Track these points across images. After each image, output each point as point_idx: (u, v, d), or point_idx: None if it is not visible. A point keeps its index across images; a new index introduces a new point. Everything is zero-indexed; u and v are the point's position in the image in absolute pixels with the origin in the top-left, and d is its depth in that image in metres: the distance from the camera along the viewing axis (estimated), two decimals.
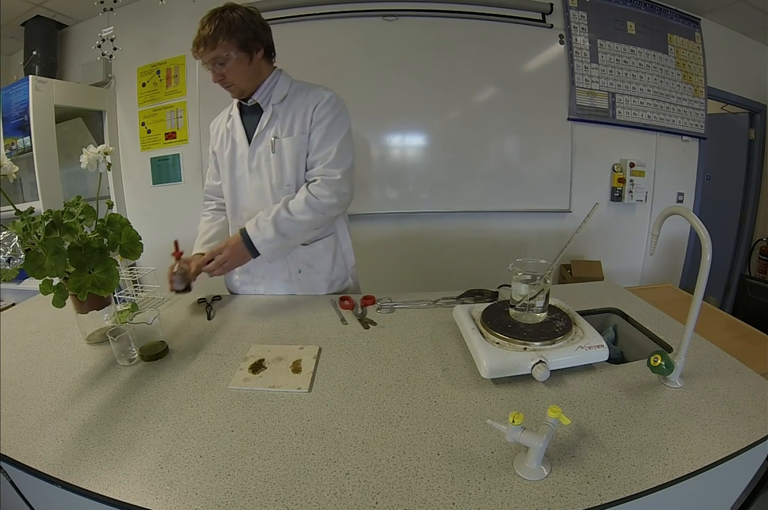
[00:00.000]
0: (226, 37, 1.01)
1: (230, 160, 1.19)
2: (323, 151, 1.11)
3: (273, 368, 0.83)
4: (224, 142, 1.21)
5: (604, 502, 0.51)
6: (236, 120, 1.18)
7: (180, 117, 2.45)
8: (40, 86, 2.14)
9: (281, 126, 1.12)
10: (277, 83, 1.14)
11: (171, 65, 2.43)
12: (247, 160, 1.16)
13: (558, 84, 2.36)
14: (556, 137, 2.40)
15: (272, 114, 1.12)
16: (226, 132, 1.20)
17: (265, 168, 1.15)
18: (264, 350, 0.90)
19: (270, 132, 1.13)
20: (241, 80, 1.09)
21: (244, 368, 0.83)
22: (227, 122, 1.21)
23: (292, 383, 0.77)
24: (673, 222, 0.72)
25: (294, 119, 1.12)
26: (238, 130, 1.17)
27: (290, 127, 1.12)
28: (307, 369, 0.82)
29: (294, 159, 1.12)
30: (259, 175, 1.16)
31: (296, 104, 1.12)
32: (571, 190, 2.46)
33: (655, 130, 2.51)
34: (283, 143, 1.12)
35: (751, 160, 3.00)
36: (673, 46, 2.51)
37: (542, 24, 2.32)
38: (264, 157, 1.14)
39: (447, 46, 2.29)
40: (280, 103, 1.13)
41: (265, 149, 1.14)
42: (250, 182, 1.17)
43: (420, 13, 2.25)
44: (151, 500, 0.53)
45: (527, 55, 2.35)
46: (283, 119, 1.12)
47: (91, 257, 0.82)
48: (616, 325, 1.05)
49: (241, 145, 1.17)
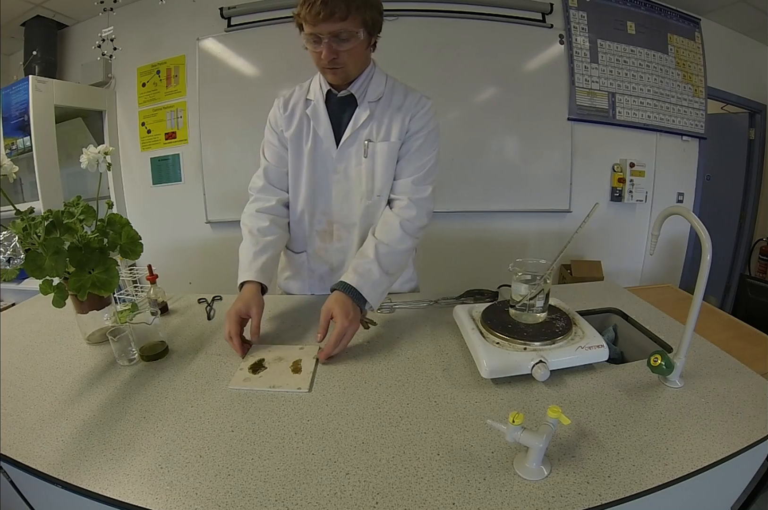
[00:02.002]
0: (360, 10, 0.85)
1: (311, 156, 1.05)
2: (416, 162, 1.01)
3: (273, 368, 0.82)
4: (304, 131, 1.04)
5: (604, 502, 0.51)
6: (321, 110, 1.02)
7: (180, 117, 2.45)
8: (40, 86, 2.14)
9: (377, 128, 1.00)
10: (373, 78, 1.01)
11: (171, 65, 2.43)
12: (332, 161, 1.04)
13: (558, 84, 2.36)
14: (556, 137, 2.40)
15: (369, 113, 1.00)
16: (306, 119, 1.04)
17: (355, 173, 1.04)
18: (264, 350, 0.89)
19: (363, 133, 1.01)
20: (355, 64, 0.94)
21: (244, 368, 0.82)
22: (306, 108, 1.03)
23: (292, 383, 0.77)
24: (673, 222, 0.72)
25: (391, 123, 1.00)
26: (322, 123, 1.02)
27: (387, 132, 1.00)
28: (307, 369, 0.81)
29: (387, 167, 1.02)
30: (346, 179, 1.05)
31: (393, 106, 1.01)
32: (571, 190, 2.46)
33: (655, 130, 2.51)
34: (377, 148, 1.01)
35: (751, 160, 3.00)
36: (673, 46, 2.51)
37: (542, 24, 2.32)
38: (354, 161, 1.03)
39: (447, 46, 2.29)
40: (376, 102, 1.00)
41: (357, 152, 1.02)
42: (335, 185, 1.06)
43: (420, 13, 2.25)
44: (151, 500, 0.53)
45: (527, 55, 2.36)
46: (380, 121, 1.00)
47: (91, 257, 0.82)
48: (616, 325, 1.05)
49: (326, 141, 1.03)
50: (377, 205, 1.06)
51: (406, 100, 1.01)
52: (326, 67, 0.92)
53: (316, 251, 1.15)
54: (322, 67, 0.93)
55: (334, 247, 1.13)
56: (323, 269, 1.17)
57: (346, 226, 1.10)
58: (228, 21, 2.31)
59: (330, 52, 0.87)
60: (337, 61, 0.90)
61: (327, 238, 1.13)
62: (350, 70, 0.94)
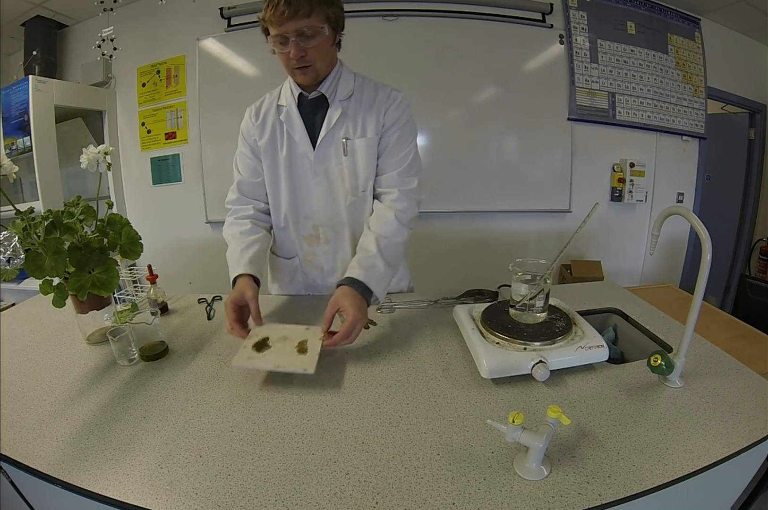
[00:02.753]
0: (323, 7, 0.86)
1: (287, 163, 1.04)
2: (397, 155, 1.02)
3: (278, 348, 0.79)
4: (278, 138, 1.04)
5: (604, 502, 0.51)
6: (293, 114, 1.02)
7: (180, 117, 2.45)
8: (40, 86, 2.14)
9: (352, 126, 1.01)
10: (342, 76, 1.01)
11: (171, 65, 2.43)
12: (310, 163, 1.03)
13: (558, 84, 2.36)
14: (556, 137, 2.40)
15: (342, 112, 1.00)
16: (279, 126, 1.04)
17: (336, 172, 1.03)
18: (268, 329, 0.86)
19: (340, 132, 1.01)
20: (323, 61, 0.94)
21: (248, 346, 0.79)
22: (279, 114, 1.04)
23: (298, 363, 0.74)
24: (673, 222, 0.72)
25: (366, 119, 1.00)
26: (296, 127, 1.02)
27: (363, 128, 1.01)
28: (313, 350, 0.78)
29: (369, 162, 1.02)
30: (327, 180, 1.04)
31: (365, 103, 1.01)
32: (571, 190, 2.46)
33: (655, 130, 2.51)
34: (356, 145, 1.01)
35: (751, 160, 3.00)
36: (673, 46, 2.51)
37: (542, 24, 2.32)
38: (334, 161, 1.03)
39: (447, 46, 2.29)
40: (347, 100, 1.01)
41: (336, 152, 1.02)
42: (316, 188, 1.05)
43: (420, 13, 2.25)
44: (151, 500, 0.53)
45: (527, 55, 2.36)
46: (354, 118, 1.00)
47: (91, 257, 0.82)
48: (616, 325, 1.05)
49: (302, 145, 1.02)
50: (363, 202, 1.06)
51: (378, 96, 1.01)
52: (295, 68, 0.93)
53: (305, 256, 1.16)
54: (292, 69, 0.93)
55: (323, 250, 1.13)
56: (315, 273, 1.17)
57: (333, 227, 1.10)
58: (228, 21, 2.31)
59: (298, 49, 0.88)
60: (306, 58, 0.90)
61: (314, 241, 1.13)
62: (319, 67, 0.94)
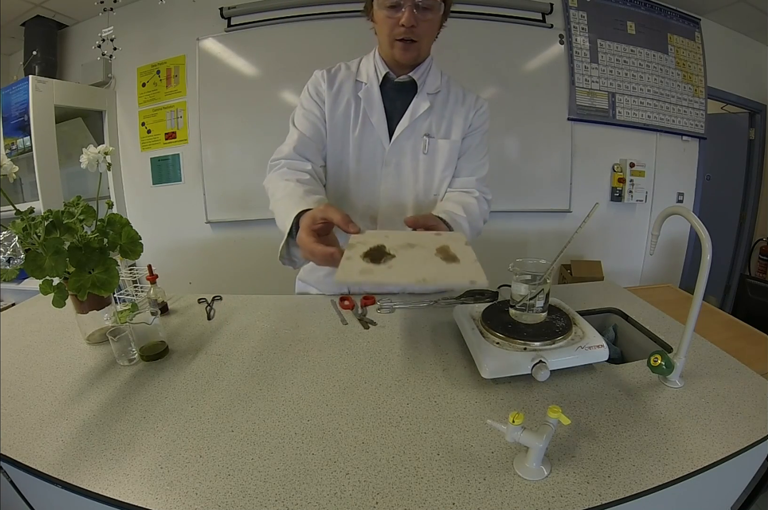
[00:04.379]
0: None
1: (357, 144, 0.93)
2: (476, 161, 0.97)
3: (407, 257, 0.58)
4: (351, 114, 0.93)
5: (604, 502, 0.51)
6: (374, 93, 0.91)
7: (180, 117, 2.45)
8: (40, 86, 2.14)
9: (437, 123, 0.93)
10: (431, 69, 0.93)
11: (171, 65, 2.43)
12: (383, 152, 0.93)
13: (558, 84, 2.36)
14: (556, 137, 2.40)
15: (429, 105, 0.92)
16: (355, 102, 0.92)
17: (410, 169, 0.94)
18: (376, 237, 0.62)
19: (422, 126, 0.92)
20: (429, 40, 0.86)
21: (354, 257, 0.57)
22: (358, 90, 0.93)
23: (458, 274, 0.54)
24: (673, 222, 0.72)
25: (453, 119, 0.93)
26: (376, 109, 0.91)
27: (447, 128, 0.93)
28: (466, 256, 0.58)
29: (448, 166, 0.95)
30: (398, 174, 0.95)
31: (452, 103, 0.94)
32: (571, 190, 2.46)
33: (655, 130, 2.51)
34: (438, 145, 0.93)
35: (751, 160, 3.00)
36: (673, 46, 2.51)
37: (542, 24, 2.32)
38: (410, 157, 0.93)
39: (447, 46, 2.28)
40: (434, 94, 0.93)
41: (414, 147, 0.93)
42: (384, 179, 0.95)
43: None
44: (151, 500, 0.53)
45: (527, 55, 2.36)
46: (440, 115, 0.93)
47: (91, 257, 0.82)
48: (616, 325, 1.05)
49: (379, 129, 0.92)
50: (432, 206, 0.96)
51: (466, 99, 0.95)
52: (398, 39, 0.82)
53: None
54: (393, 40, 0.83)
55: None
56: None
57: (394, 222, 0.98)
58: (228, 21, 2.31)
59: (412, 17, 0.79)
60: (415, 31, 0.81)
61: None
62: (423, 45, 0.85)
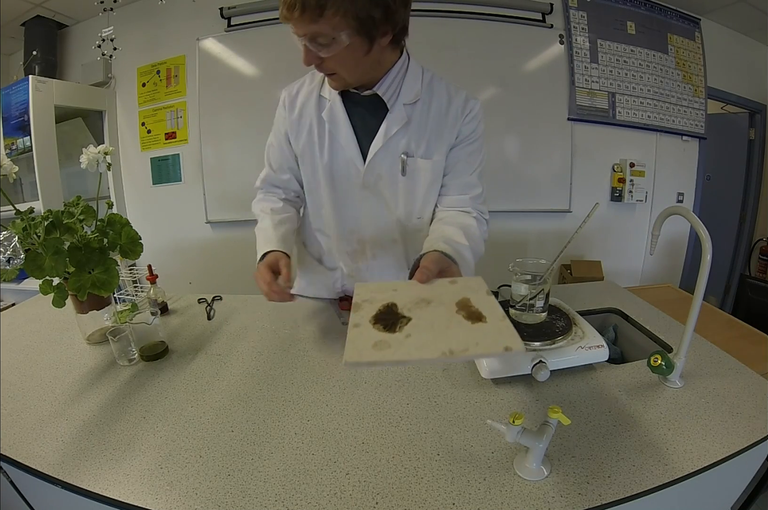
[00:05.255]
0: (340, 9, 0.62)
1: (328, 169, 0.85)
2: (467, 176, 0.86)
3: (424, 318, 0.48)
4: (316, 139, 0.84)
5: (604, 502, 0.51)
6: (338, 112, 0.81)
7: (180, 117, 2.45)
8: (40, 86, 2.14)
9: (416, 140, 0.81)
10: (407, 74, 0.79)
11: (171, 65, 2.43)
12: (358, 173, 0.84)
13: (558, 84, 2.36)
14: (556, 137, 2.40)
15: (405, 120, 0.80)
16: (319, 124, 0.83)
17: (389, 192, 0.86)
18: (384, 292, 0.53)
19: (399, 145, 0.81)
20: (350, 72, 0.73)
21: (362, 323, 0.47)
22: (320, 110, 0.82)
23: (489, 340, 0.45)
24: (673, 222, 0.72)
25: (434, 134, 0.81)
26: (342, 130, 0.81)
27: (428, 145, 0.82)
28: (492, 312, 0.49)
29: (431, 188, 0.85)
30: (377, 197, 0.87)
31: (435, 111, 0.81)
32: (571, 190, 2.46)
33: (655, 130, 2.51)
34: (418, 166, 0.83)
35: (751, 160, 3.00)
36: (673, 46, 2.51)
37: (542, 24, 2.32)
38: (388, 179, 0.84)
39: (447, 47, 2.28)
40: (412, 105, 0.80)
41: (391, 169, 0.83)
42: (362, 202, 0.88)
43: (420, 13, 2.25)
44: (151, 500, 0.53)
45: (527, 55, 2.35)
46: (420, 130, 0.81)
47: (91, 257, 0.82)
48: (616, 325, 1.05)
49: (349, 151, 0.83)
50: (418, 228, 0.91)
51: (452, 104, 0.82)
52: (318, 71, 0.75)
53: (350, 272, 1.00)
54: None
55: (370, 265, 0.97)
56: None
57: (382, 243, 0.94)
58: (228, 21, 2.31)
59: (309, 56, 0.69)
60: (324, 67, 0.72)
61: (360, 258, 0.97)
62: (348, 76, 0.74)
